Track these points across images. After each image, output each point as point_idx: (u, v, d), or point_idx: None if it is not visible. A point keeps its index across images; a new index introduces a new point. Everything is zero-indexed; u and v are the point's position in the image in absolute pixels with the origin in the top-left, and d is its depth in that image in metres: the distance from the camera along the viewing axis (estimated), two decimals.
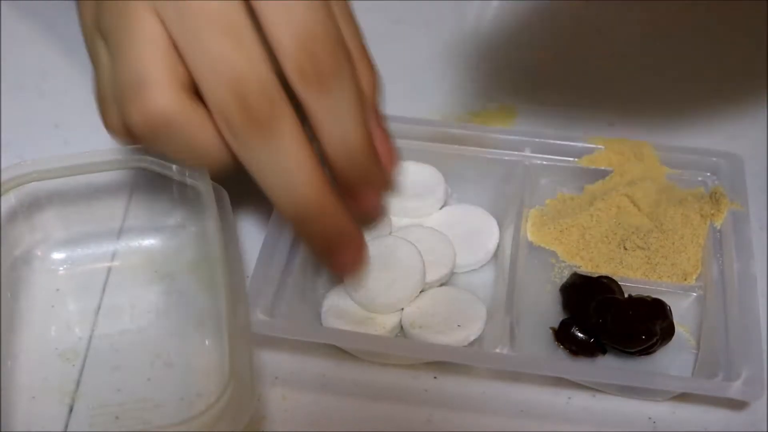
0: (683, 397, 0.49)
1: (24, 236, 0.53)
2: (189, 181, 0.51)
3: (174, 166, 0.51)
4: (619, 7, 0.73)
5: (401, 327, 0.51)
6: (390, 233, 0.55)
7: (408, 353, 0.50)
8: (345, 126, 0.44)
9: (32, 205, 0.52)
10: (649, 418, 0.49)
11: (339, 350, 0.51)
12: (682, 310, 0.52)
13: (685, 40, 0.71)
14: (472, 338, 0.50)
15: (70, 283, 0.53)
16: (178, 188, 0.53)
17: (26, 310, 0.51)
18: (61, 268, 0.53)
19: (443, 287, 0.53)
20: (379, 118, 0.49)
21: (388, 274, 0.52)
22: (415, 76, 0.67)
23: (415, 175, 0.57)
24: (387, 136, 0.49)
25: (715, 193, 0.55)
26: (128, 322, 0.51)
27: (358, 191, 0.47)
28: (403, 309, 0.52)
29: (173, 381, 0.49)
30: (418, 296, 0.52)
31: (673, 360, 0.51)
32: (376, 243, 0.53)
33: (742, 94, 0.67)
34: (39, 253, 0.53)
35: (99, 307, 0.52)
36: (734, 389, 0.46)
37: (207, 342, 0.50)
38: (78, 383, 0.49)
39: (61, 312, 0.51)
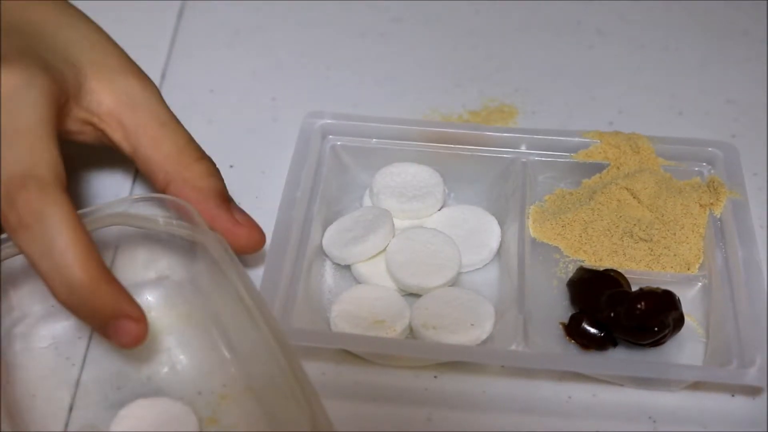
0: (684, 394, 0.49)
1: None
2: (176, 231, 0.50)
3: (161, 219, 0.51)
4: (619, 7, 0.74)
5: (411, 329, 0.51)
6: (393, 236, 0.55)
7: (425, 355, 0.49)
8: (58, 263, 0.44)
9: (6, 281, 0.50)
10: (650, 417, 0.49)
11: (339, 352, 0.51)
12: (687, 300, 0.52)
13: (685, 40, 0.72)
14: (483, 337, 0.50)
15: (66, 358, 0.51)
16: (165, 238, 0.52)
17: (22, 397, 0.49)
18: (43, 345, 0.51)
19: (449, 288, 0.53)
20: (228, 205, 0.52)
21: (431, 261, 0.53)
22: (415, 75, 0.67)
23: (414, 177, 0.57)
24: (245, 217, 0.53)
25: (713, 182, 0.56)
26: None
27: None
28: (411, 310, 0.52)
29: (175, 379, 0.49)
30: (424, 298, 0.52)
31: (682, 349, 0.51)
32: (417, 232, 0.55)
33: (742, 93, 0.67)
34: (23, 330, 0.51)
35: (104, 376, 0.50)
36: (750, 376, 0.47)
37: (212, 342, 0.50)
38: (78, 382, 0.49)
39: (61, 391, 0.49)
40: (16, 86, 0.46)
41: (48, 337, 0.51)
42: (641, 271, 0.53)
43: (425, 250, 0.54)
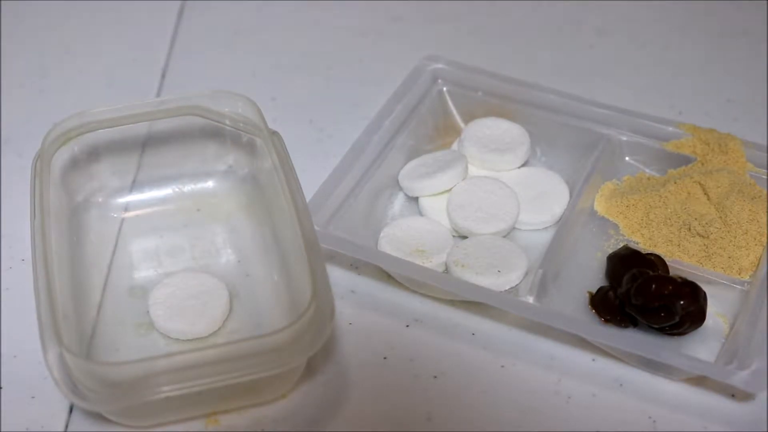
0: (683, 394, 0.49)
1: (83, 184, 0.56)
2: (242, 126, 0.55)
3: (230, 117, 0.54)
4: (619, 7, 0.73)
5: (446, 265, 0.54)
6: (463, 179, 0.58)
7: (431, 281, 0.51)
8: None
9: (90, 155, 0.56)
10: (649, 417, 0.49)
11: (382, 274, 0.54)
12: (727, 302, 0.52)
13: (685, 40, 0.71)
14: (507, 286, 0.52)
15: (131, 227, 0.56)
16: (230, 134, 0.56)
17: (90, 254, 0.54)
18: (115, 214, 0.57)
19: (494, 236, 0.55)
20: None
21: (488, 210, 0.56)
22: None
23: (504, 132, 0.60)
24: None
25: None
26: (190, 261, 0.55)
27: None
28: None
29: (239, 313, 0.52)
30: (468, 240, 0.55)
31: (701, 345, 0.51)
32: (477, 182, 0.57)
33: (742, 93, 0.67)
34: (99, 200, 0.57)
35: (161, 248, 0.55)
36: (738, 377, 0.46)
37: (272, 275, 0.53)
38: (149, 316, 0.51)
39: (124, 253, 0.55)
40: None
41: (119, 207, 0.57)
42: (691, 264, 0.54)
43: (486, 198, 0.56)
